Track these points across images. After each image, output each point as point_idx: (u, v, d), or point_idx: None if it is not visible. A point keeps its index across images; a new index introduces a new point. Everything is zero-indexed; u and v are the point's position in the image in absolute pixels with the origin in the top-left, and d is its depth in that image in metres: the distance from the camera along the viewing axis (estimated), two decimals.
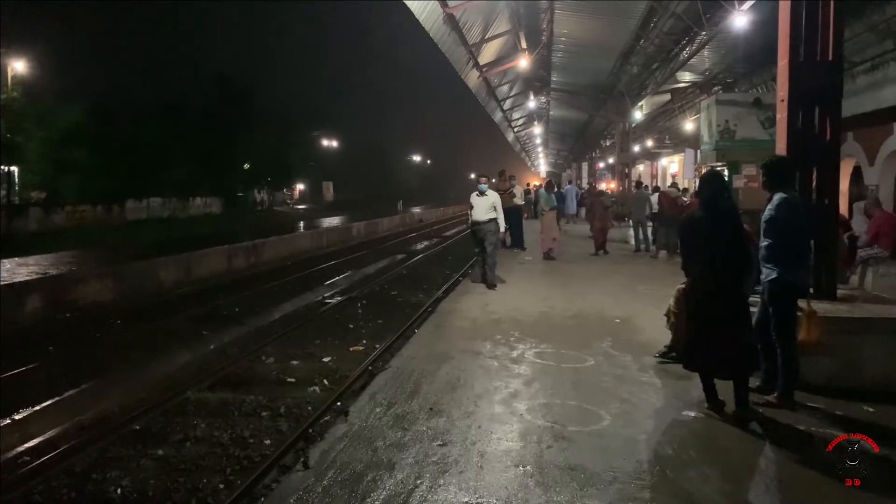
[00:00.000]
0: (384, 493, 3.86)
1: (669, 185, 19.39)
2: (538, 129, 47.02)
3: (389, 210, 48.68)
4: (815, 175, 6.23)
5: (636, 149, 32.34)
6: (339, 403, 6.84)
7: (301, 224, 41.01)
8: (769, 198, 5.20)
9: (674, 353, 6.28)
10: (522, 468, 4.18)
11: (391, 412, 5.21)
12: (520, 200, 17.66)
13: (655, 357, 6.59)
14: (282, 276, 17.67)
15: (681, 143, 28.51)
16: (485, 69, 25.86)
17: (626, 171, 30.84)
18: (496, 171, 16.48)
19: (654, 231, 16.70)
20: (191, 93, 49.77)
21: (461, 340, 7.57)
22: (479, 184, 11.32)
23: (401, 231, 37.84)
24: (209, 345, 10.36)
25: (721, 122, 14.05)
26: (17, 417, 7.12)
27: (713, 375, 5.09)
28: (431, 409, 5.24)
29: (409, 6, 17.38)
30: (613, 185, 33.51)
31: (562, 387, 5.84)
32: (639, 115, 29.22)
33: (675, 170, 31.67)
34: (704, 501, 3.79)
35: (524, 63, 23.66)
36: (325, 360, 9.14)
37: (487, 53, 24.84)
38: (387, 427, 4.90)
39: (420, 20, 18.54)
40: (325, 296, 14.84)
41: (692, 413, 5.13)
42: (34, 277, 14.61)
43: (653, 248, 16.48)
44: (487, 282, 11.19)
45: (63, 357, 9.59)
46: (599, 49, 21.94)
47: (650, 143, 32.98)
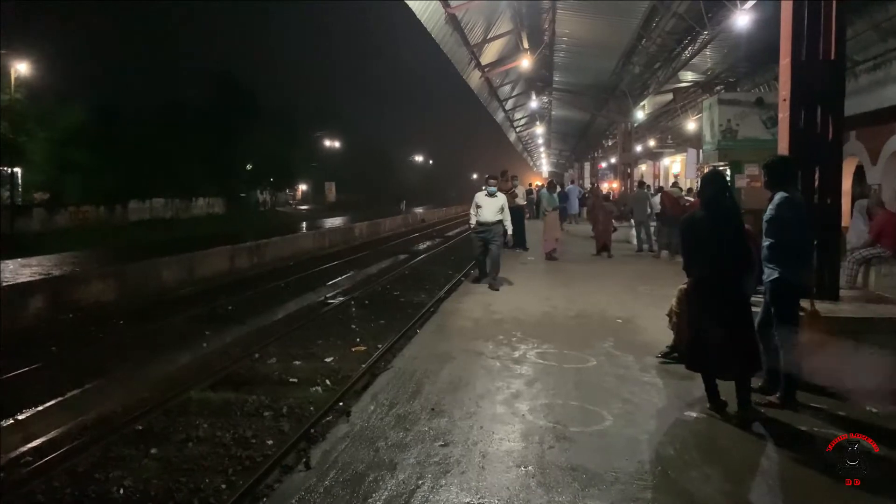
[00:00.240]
0: (386, 494, 3.86)
1: (671, 185, 19.37)
2: (540, 129, 47.02)
3: (392, 210, 48.70)
4: (818, 174, 6.23)
5: (638, 149, 32.33)
6: (342, 404, 6.85)
7: (303, 224, 41.01)
8: (771, 197, 5.20)
9: (676, 354, 6.28)
10: (524, 469, 4.17)
11: (393, 412, 5.21)
12: (522, 201, 17.64)
13: (657, 357, 6.58)
14: (284, 277, 17.70)
15: (683, 143, 28.49)
16: (487, 69, 25.87)
17: (629, 171, 30.84)
18: (498, 172, 16.48)
19: (657, 231, 16.68)
20: (193, 93, 49.89)
21: (463, 341, 7.57)
22: (488, 185, 11.17)
23: (403, 231, 37.86)
24: (211, 345, 10.37)
25: (723, 122, 14.04)
26: (20, 417, 7.15)
27: (715, 376, 5.08)
28: (433, 410, 5.23)
29: (411, 6, 17.39)
30: (616, 185, 33.48)
31: (564, 387, 5.83)
32: (641, 115, 29.21)
33: (678, 170, 31.65)
34: (706, 502, 3.79)
35: (526, 63, 23.69)
36: (328, 361, 9.15)
37: (489, 53, 24.85)
38: (388, 427, 4.89)
39: (422, 20, 18.55)
40: (328, 296, 14.86)
41: (694, 413, 5.12)
42: (37, 278, 14.62)
43: (655, 248, 16.47)
44: (492, 284, 11.07)
45: (66, 357, 9.61)
46: (601, 49, 21.95)
47: (652, 143, 32.95)
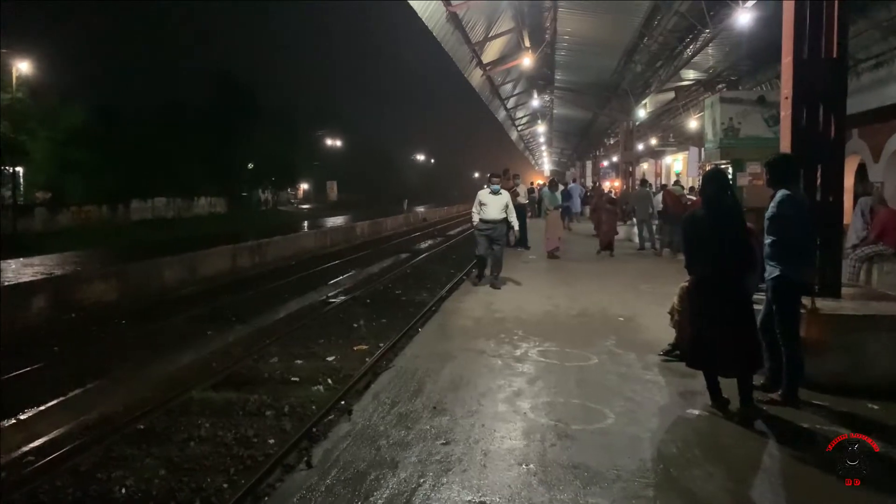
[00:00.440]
0: (387, 492, 3.86)
1: (673, 184, 19.34)
2: (542, 128, 46.93)
3: (393, 209, 48.71)
4: (820, 172, 6.21)
5: (640, 147, 32.27)
6: (343, 402, 6.85)
7: (305, 223, 41.06)
8: (773, 195, 5.19)
9: (678, 352, 6.27)
10: (526, 466, 4.17)
11: (395, 411, 5.21)
12: (524, 199, 17.65)
13: (659, 355, 6.57)
14: (286, 276, 17.72)
15: (685, 142, 28.42)
16: (488, 68, 25.82)
17: (630, 170, 30.79)
18: (500, 170, 16.44)
19: (659, 229, 16.67)
20: (194, 93, 49.99)
21: (465, 339, 7.56)
22: (492, 183, 11.03)
23: (405, 230, 37.87)
24: (213, 344, 10.38)
25: (725, 120, 14.00)
26: (23, 417, 7.16)
27: (717, 373, 5.08)
28: (435, 408, 5.23)
29: (413, 5, 17.35)
30: (617, 184, 33.43)
31: (565, 385, 5.83)
32: (642, 114, 29.15)
33: (680, 168, 31.59)
34: (708, 500, 3.78)
35: (528, 62, 23.63)
36: (329, 360, 9.15)
37: (491, 52, 24.80)
38: (390, 426, 4.89)
39: (423, 19, 18.51)
40: (329, 295, 14.86)
41: (696, 411, 5.11)
42: (39, 277, 14.65)
43: (657, 247, 16.46)
44: (494, 283, 11.03)
45: (68, 357, 9.63)
46: (603, 47, 21.90)
47: (654, 142, 32.88)
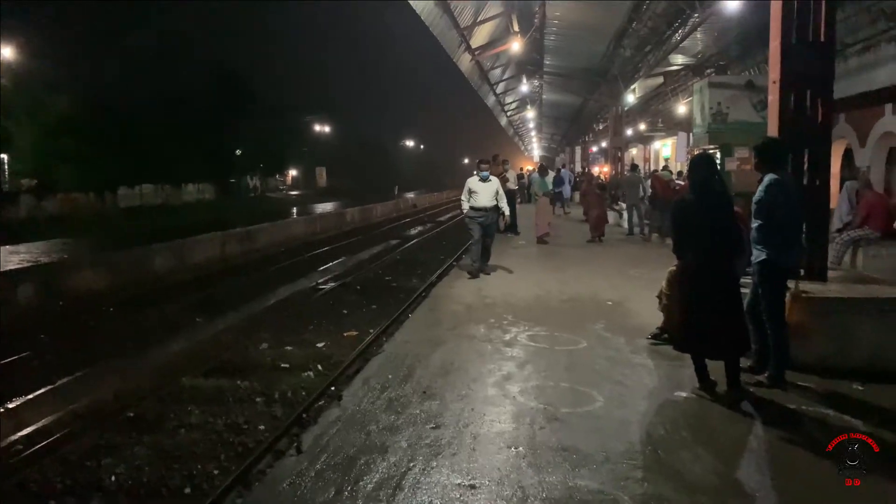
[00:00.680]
0: (377, 476, 3.88)
1: (661, 169, 19.38)
2: (531, 114, 46.86)
3: (383, 196, 48.55)
4: (807, 156, 6.24)
5: (629, 132, 32.28)
6: (333, 388, 6.83)
7: (294, 210, 40.85)
8: (760, 179, 5.21)
9: (666, 335, 6.31)
10: (515, 449, 4.20)
11: (384, 396, 5.22)
12: (513, 185, 17.62)
13: (648, 339, 6.62)
14: (276, 263, 17.68)
15: (674, 127, 28.43)
16: (477, 52, 25.74)
17: (619, 155, 30.80)
18: (489, 156, 16.41)
19: (647, 214, 16.70)
20: (181, 80, 49.38)
21: (455, 325, 7.59)
22: (481, 170, 10.76)
23: (395, 217, 37.80)
24: (203, 332, 10.35)
25: (713, 105, 14.00)
26: (11, 406, 7.13)
27: (705, 356, 5.12)
28: (425, 393, 5.25)
29: None
30: (606, 169, 33.46)
31: (555, 369, 5.86)
32: (632, 99, 29.12)
33: (668, 153, 31.65)
34: (696, 481, 3.82)
35: (516, 46, 23.56)
36: (320, 346, 9.15)
37: (479, 37, 24.72)
38: (380, 411, 4.91)
39: (411, 3, 18.42)
40: (319, 282, 14.83)
41: (684, 394, 5.16)
42: (26, 265, 14.52)
43: (646, 232, 16.50)
44: (484, 268, 10.96)
45: (56, 345, 9.57)
46: (592, 32, 21.84)
47: (643, 127, 32.87)
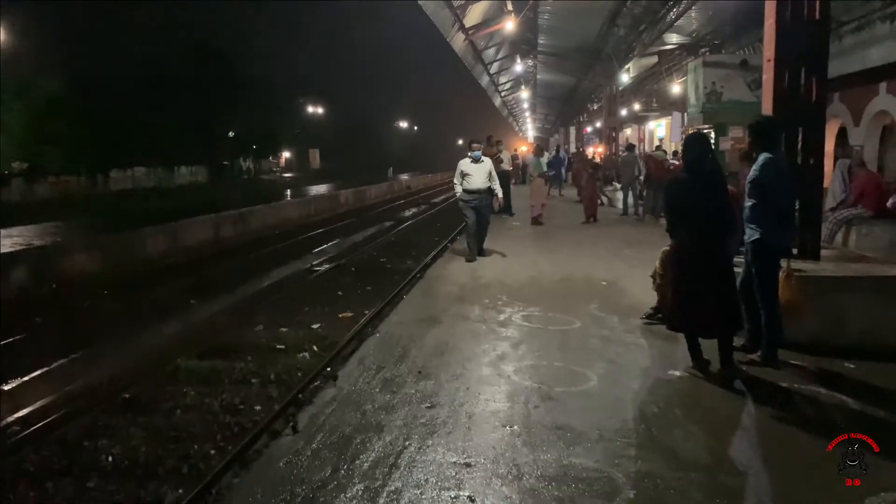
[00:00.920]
0: (373, 455, 3.90)
1: (655, 149, 19.35)
2: (525, 94, 46.63)
3: (377, 178, 48.38)
4: (801, 135, 6.24)
5: (623, 112, 32.19)
6: (329, 369, 6.84)
7: (288, 192, 40.69)
8: (754, 158, 5.21)
9: (660, 315, 6.34)
10: (510, 428, 4.23)
11: (380, 376, 5.24)
12: (507, 166, 17.57)
13: (641, 319, 6.65)
14: (270, 245, 17.64)
15: (668, 107, 28.34)
16: (471, 32, 25.51)
17: (614, 136, 30.75)
18: (483, 137, 16.33)
19: (640, 194, 16.68)
20: (174, 61, 48.95)
21: (449, 305, 7.61)
22: (472, 150, 10.46)
23: (389, 198, 37.69)
24: (198, 314, 10.34)
25: (708, 85, 14.02)
26: (6, 388, 7.13)
27: (698, 335, 5.15)
28: (420, 373, 5.27)
29: None
30: (601, 150, 33.39)
31: (549, 349, 5.89)
32: (626, 79, 28.99)
33: (662, 133, 31.59)
34: (689, 458, 3.86)
35: (510, 26, 23.35)
36: (315, 327, 9.15)
37: (473, 16, 24.47)
38: (375, 391, 4.93)
39: None
40: (314, 264, 14.81)
41: (677, 372, 5.19)
42: (18, 248, 14.45)
43: (640, 212, 16.50)
44: (482, 253, 10.80)
45: (51, 328, 9.56)
46: (586, 11, 21.67)
47: (637, 107, 32.77)
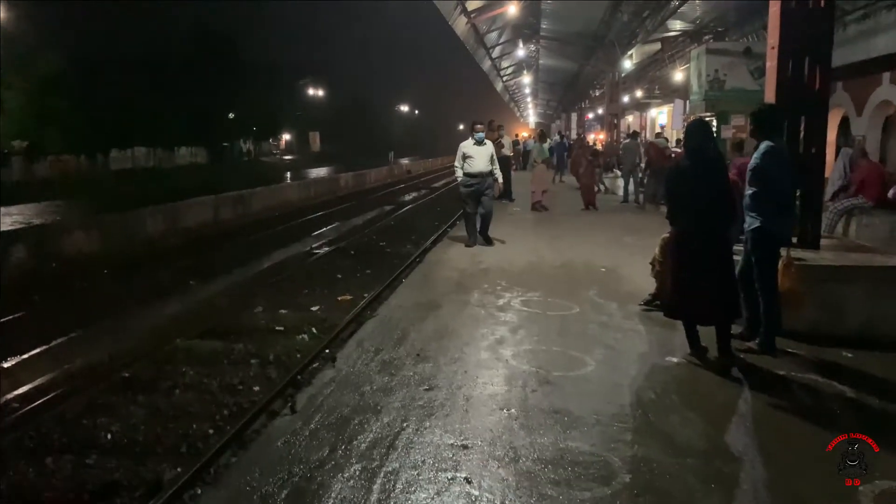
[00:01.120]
0: (371, 436, 3.92)
1: (656, 136, 19.29)
2: (527, 79, 46.51)
3: (377, 161, 48.25)
4: (804, 124, 6.22)
5: (625, 99, 32.06)
6: (328, 351, 6.87)
7: (288, 175, 40.60)
8: (756, 146, 5.20)
9: (657, 302, 6.35)
10: (507, 411, 4.25)
11: (378, 358, 5.26)
12: (508, 151, 17.51)
13: (639, 305, 6.66)
14: (270, 227, 17.66)
15: (670, 94, 28.24)
16: (473, 15, 25.41)
17: (615, 122, 30.65)
18: (485, 122, 16.21)
19: (641, 182, 16.64)
20: (173, 42, 48.70)
21: (448, 289, 7.62)
22: (476, 132, 10.14)
23: (389, 182, 37.64)
24: (197, 295, 10.37)
25: (710, 72, 13.98)
26: (6, 365, 7.16)
27: (696, 322, 5.17)
28: (418, 356, 5.29)
29: None
30: (602, 136, 33.28)
31: (547, 334, 5.91)
32: (628, 65, 28.88)
33: (664, 121, 31.49)
34: (685, 443, 3.88)
35: (513, 10, 23.28)
36: (314, 310, 9.18)
37: None
38: (374, 372, 4.95)
39: None
40: (314, 246, 14.83)
41: (675, 359, 5.21)
42: (18, 227, 14.45)
43: (641, 200, 16.46)
44: (487, 240, 10.38)
45: (50, 306, 9.58)
46: None
47: (639, 94, 32.66)
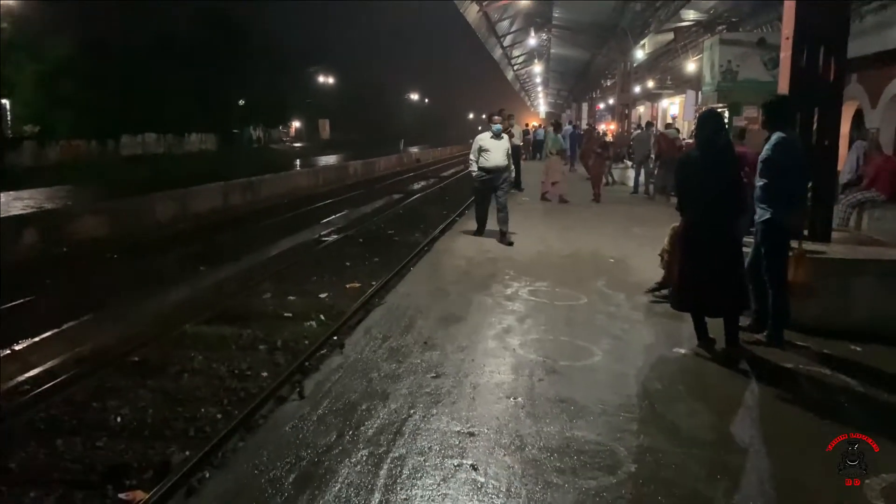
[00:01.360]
0: (378, 422, 3.94)
1: (666, 127, 19.15)
2: (538, 68, 46.31)
3: (387, 150, 48.18)
4: (817, 116, 6.17)
5: (637, 89, 31.84)
6: (336, 337, 6.89)
7: (297, 162, 40.62)
8: (767, 137, 5.17)
9: (664, 292, 6.33)
10: (514, 400, 4.26)
11: (386, 346, 5.28)
12: (518, 141, 17.43)
13: (648, 295, 6.65)
14: (279, 214, 17.68)
15: (682, 85, 28.00)
16: (485, 3, 25.30)
17: (627, 113, 30.48)
18: (496, 111, 16.09)
19: (651, 173, 16.55)
20: (186, 28, 48.66)
21: (456, 278, 7.63)
22: (493, 124, 9.92)
23: (398, 171, 37.57)
24: (206, 280, 10.41)
25: (723, 63, 13.84)
26: (17, 348, 7.22)
27: (703, 314, 5.15)
28: (426, 343, 5.31)
29: None
30: (613, 127, 33.09)
31: (555, 323, 5.91)
32: (641, 55, 28.67)
33: (676, 112, 31.28)
34: (691, 434, 3.88)
35: None
36: (322, 297, 9.20)
37: None
38: (381, 359, 4.97)
39: None
40: (322, 234, 14.85)
41: (682, 350, 5.21)
42: (30, 211, 14.54)
43: (651, 191, 16.39)
44: (502, 239, 9.89)
45: (61, 290, 9.65)
46: None
47: (651, 84, 32.40)
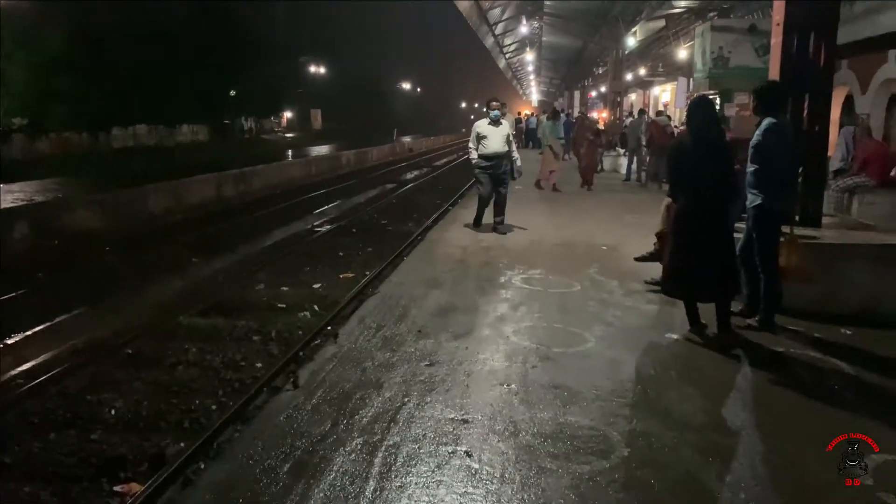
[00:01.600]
0: (372, 411, 3.96)
1: (656, 114, 19.14)
2: (530, 56, 46.20)
3: (380, 139, 48.04)
4: (807, 101, 6.19)
5: (629, 77, 31.83)
6: (329, 327, 6.89)
7: (290, 152, 40.46)
8: (758, 123, 5.18)
9: (659, 278, 6.33)
10: (507, 387, 4.28)
11: (380, 335, 5.29)
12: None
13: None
14: (272, 204, 17.64)
15: (674, 72, 27.99)
16: None
17: (619, 100, 30.48)
18: (487, 99, 15.97)
19: (642, 161, 16.57)
20: (176, 18, 48.31)
21: (450, 267, 7.63)
22: (491, 110, 9.77)
23: (391, 160, 37.51)
24: (199, 272, 10.40)
25: (715, 50, 13.81)
26: (9, 341, 7.20)
27: (695, 300, 5.18)
28: (419, 332, 5.32)
29: None
30: (605, 114, 33.08)
31: (548, 310, 5.93)
32: (632, 42, 28.64)
33: (667, 99, 31.28)
34: (683, 418, 3.91)
35: None
36: (316, 287, 9.21)
37: None
38: (375, 349, 4.98)
39: None
40: (315, 224, 14.84)
41: (675, 336, 5.24)
42: (20, 204, 14.44)
43: (643, 179, 16.41)
44: (498, 228, 9.72)
45: (53, 283, 9.62)
46: None
47: (643, 72, 32.39)
